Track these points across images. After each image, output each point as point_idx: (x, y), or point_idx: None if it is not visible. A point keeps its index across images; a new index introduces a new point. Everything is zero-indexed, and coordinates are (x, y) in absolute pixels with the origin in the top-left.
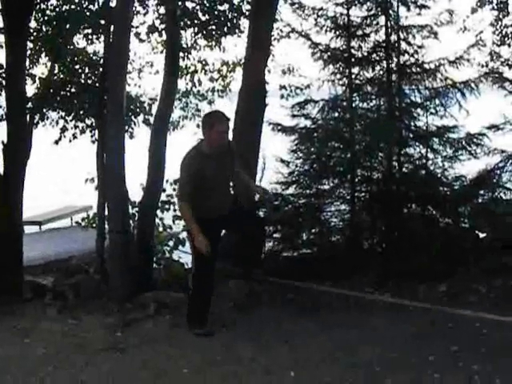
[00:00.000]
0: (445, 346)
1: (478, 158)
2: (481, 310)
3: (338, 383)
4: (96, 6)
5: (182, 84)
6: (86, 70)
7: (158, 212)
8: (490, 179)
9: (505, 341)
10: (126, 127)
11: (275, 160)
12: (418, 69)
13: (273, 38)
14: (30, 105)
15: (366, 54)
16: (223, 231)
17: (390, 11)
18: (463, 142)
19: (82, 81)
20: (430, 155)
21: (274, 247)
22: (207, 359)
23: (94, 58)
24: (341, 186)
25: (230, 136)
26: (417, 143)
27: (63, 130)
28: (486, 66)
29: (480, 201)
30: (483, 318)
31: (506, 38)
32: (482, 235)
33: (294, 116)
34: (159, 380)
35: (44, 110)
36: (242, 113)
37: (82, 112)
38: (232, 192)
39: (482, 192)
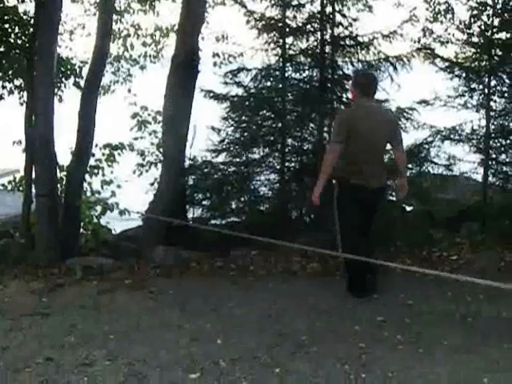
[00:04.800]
0: (370, 316)
1: (407, 132)
2: (406, 281)
3: (264, 351)
4: None
5: (114, 48)
6: (16, 30)
7: (87, 176)
8: (418, 153)
9: (429, 311)
10: (56, 90)
11: (206, 127)
12: (352, 41)
13: (207, 5)
14: None
15: (300, 24)
16: None
17: None
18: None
19: (12, 40)
20: None
21: (203, 214)
22: (134, 324)
23: (25, 17)
24: (271, 156)
25: None
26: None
27: None
28: (419, 41)
29: (408, 174)
30: (408, 289)
31: (439, 15)
32: (408, 208)
33: (226, 84)
34: (86, 345)
35: None
36: (174, 79)
37: (10, 72)
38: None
39: (409, 166)
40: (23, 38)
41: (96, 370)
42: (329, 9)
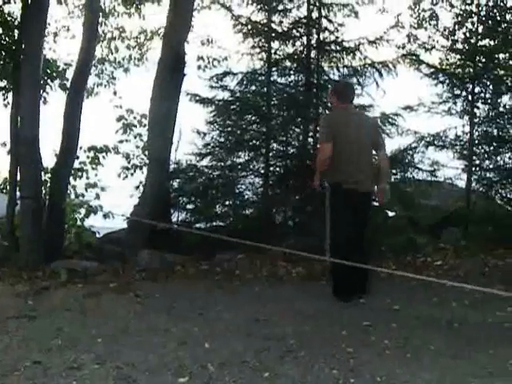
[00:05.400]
0: (356, 320)
1: (391, 137)
2: (391, 286)
3: (252, 355)
4: None
5: (98, 51)
6: (0, 31)
7: (71, 179)
8: (402, 159)
9: (415, 316)
10: (41, 92)
11: (192, 131)
12: (338, 47)
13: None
14: None
15: (286, 29)
16: None
17: None
18: (378, 121)
19: None
20: None
21: (187, 218)
22: (121, 328)
23: (9, 18)
24: (255, 160)
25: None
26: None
27: None
28: (403, 47)
29: (392, 180)
30: (394, 293)
31: (424, 22)
32: (390, 213)
33: (212, 87)
34: (74, 348)
35: None
36: (160, 82)
37: None
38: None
39: (393, 171)
40: (7, 39)
41: (84, 373)
42: (315, 14)
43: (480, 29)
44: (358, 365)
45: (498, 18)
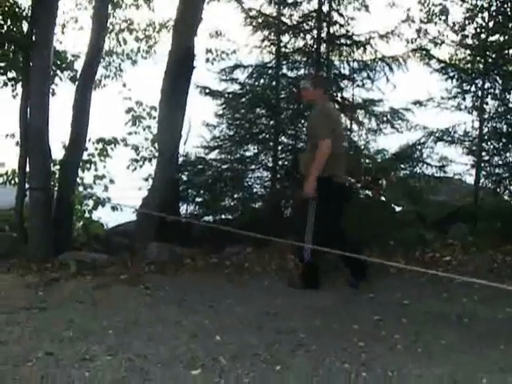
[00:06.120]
0: (367, 315)
1: (401, 132)
2: (401, 281)
3: (264, 348)
4: None
5: (106, 42)
6: (9, 22)
7: (79, 171)
8: (411, 154)
9: (425, 311)
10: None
11: (201, 124)
12: (348, 40)
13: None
14: None
15: (296, 22)
16: None
17: None
18: (388, 116)
19: (5, 32)
20: (355, 127)
21: (195, 211)
22: (131, 320)
23: (17, 9)
24: (264, 153)
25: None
26: (342, 114)
27: None
28: (413, 42)
29: (401, 175)
30: (403, 288)
31: (434, 16)
32: (397, 208)
33: (221, 80)
34: (85, 339)
35: None
36: (170, 74)
37: (3, 64)
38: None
39: (402, 166)
40: (15, 30)
41: (97, 364)
42: (325, 7)
43: (491, 24)
44: (370, 359)
45: (509, 13)
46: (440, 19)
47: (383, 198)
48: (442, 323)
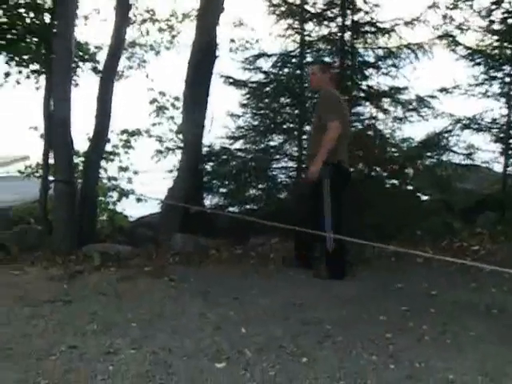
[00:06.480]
0: (394, 305)
1: (427, 120)
2: (428, 270)
3: (289, 340)
4: None
5: (129, 33)
6: (31, 14)
7: (103, 162)
8: (437, 142)
9: (453, 301)
10: (73, 74)
11: (225, 114)
12: (373, 28)
13: None
14: None
15: (320, 10)
16: None
17: None
18: (414, 104)
19: (27, 24)
20: (380, 115)
21: (219, 202)
22: (156, 312)
23: (40, 1)
24: (288, 143)
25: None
26: (367, 103)
27: (7, 74)
28: (439, 28)
29: (427, 163)
30: (431, 278)
31: (460, 2)
32: (424, 197)
33: (245, 70)
34: (109, 332)
35: None
36: (194, 64)
37: (26, 57)
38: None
39: (429, 154)
40: (38, 22)
41: (121, 358)
42: None
43: None
44: (397, 350)
45: None
46: (466, 5)
47: (410, 187)
48: (470, 314)
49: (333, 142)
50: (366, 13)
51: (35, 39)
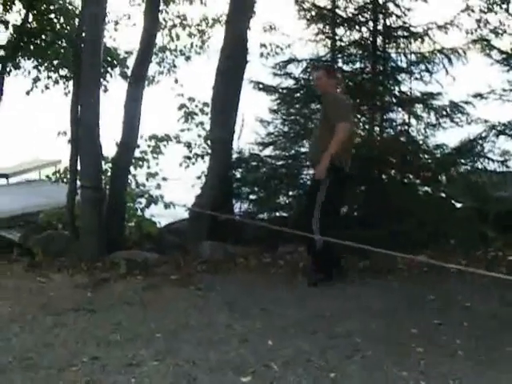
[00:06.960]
0: (426, 318)
1: (461, 126)
2: (462, 282)
3: (318, 354)
4: None
5: (159, 39)
6: (62, 20)
7: (131, 168)
8: (471, 149)
9: (488, 315)
10: (101, 80)
11: (255, 120)
12: (405, 32)
13: None
14: (2, 53)
15: (351, 14)
16: None
17: None
18: (447, 110)
19: (57, 30)
20: (413, 121)
21: (249, 209)
22: (181, 323)
23: (70, 7)
24: None
25: None
26: (400, 109)
27: (36, 80)
28: (473, 33)
29: (461, 170)
30: (465, 290)
31: (495, 5)
32: (458, 205)
33: (275, 75)
34: (132, 343)
35: (17, 59)
36: (223, 70)
37: (55, 62)
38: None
39: (463, 161)
40: (68, 27)
41: (143, 370)
42: None
43: None
44: (429, 366)
45: None
46: (501, 8)
47: (443, 194)
48: (506, 328)
49: (341, 142)
50: (399, 17)
51: (64, 44)
